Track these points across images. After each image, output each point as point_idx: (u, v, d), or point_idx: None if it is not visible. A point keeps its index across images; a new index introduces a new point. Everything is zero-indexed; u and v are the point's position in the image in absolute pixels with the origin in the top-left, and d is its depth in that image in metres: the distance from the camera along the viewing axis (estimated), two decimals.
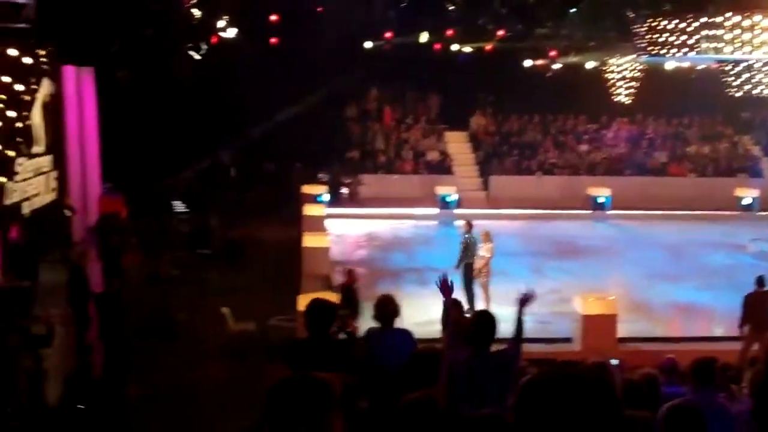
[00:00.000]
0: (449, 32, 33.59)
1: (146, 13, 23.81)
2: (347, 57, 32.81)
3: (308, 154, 31.47)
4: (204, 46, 28.62)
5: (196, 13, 25.67)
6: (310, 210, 25.93)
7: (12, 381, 12.03)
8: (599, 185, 32.10)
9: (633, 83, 35.12)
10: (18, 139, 17.66)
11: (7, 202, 18.43)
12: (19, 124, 16.30)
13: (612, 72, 35.44)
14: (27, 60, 16.03)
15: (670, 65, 32.89)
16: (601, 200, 31.43)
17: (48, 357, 12.85)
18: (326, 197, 29.32)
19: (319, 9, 32.50)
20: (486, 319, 7.58)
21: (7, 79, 15.58)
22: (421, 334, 9.97)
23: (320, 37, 31.81)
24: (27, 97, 16.47)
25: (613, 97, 35.77)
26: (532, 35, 33.56)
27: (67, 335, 16.16)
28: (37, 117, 21.42)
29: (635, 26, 29.09)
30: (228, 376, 15.30)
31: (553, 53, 34.92)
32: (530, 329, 16.64)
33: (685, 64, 32.97)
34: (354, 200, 31.92)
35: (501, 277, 19.62)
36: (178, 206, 28.90)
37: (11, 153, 16.32)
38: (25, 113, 16.73)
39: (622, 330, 16.69)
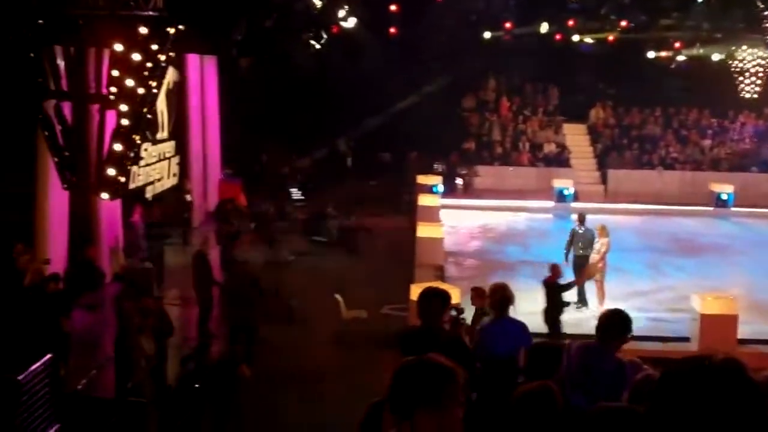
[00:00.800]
0: (570, 22, 33.13)
1: (269, 3, 24.22)
2: (466, 47, 32.71)
3: (424, 144, 31.51)
4: (324, 36, 28.95)
5: (317, 2, 25.98)
6: (424, 200, 25.94)
7: (133, 359, 12.45)
8: (722, 181, 31.15)
9: (761, 76, 33.93)
10: (144, 125, 18.17)
11: (132, 186, 19.03)
12: (145, 110, 16.76)
13: (739, 65, 34.32)
14: (154, 47, 16.44)
15: None
16: (723, 197, 30.47)
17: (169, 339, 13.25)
18: (441, 188, 29.30)
19: None
20: (619, 317, 7.16)
21: (135, 65, 16.03)
22: (533, 327, 9.90)
23: (439, 27, 31.81)
24: (153, 83, 16.91)
25: (739, 91, 34.65)
26: (656, 26, 32.82)
27: (189, 317, 16.64)
28: (161, 104, 22.07)
29: (765, 18, 28.11)
30: (339, 361, 15.48)
31: (677, 45, 34.06)
32: (645, 327, 16.50)
33: None
34: (469, 191, 31.80)
35: (616, 273, 19.30)
36: (295, 193, 29.37)
37: (137, 138, 16.80)
38: (151, 99, 17.20)
39: (742, 331, 16.18)
